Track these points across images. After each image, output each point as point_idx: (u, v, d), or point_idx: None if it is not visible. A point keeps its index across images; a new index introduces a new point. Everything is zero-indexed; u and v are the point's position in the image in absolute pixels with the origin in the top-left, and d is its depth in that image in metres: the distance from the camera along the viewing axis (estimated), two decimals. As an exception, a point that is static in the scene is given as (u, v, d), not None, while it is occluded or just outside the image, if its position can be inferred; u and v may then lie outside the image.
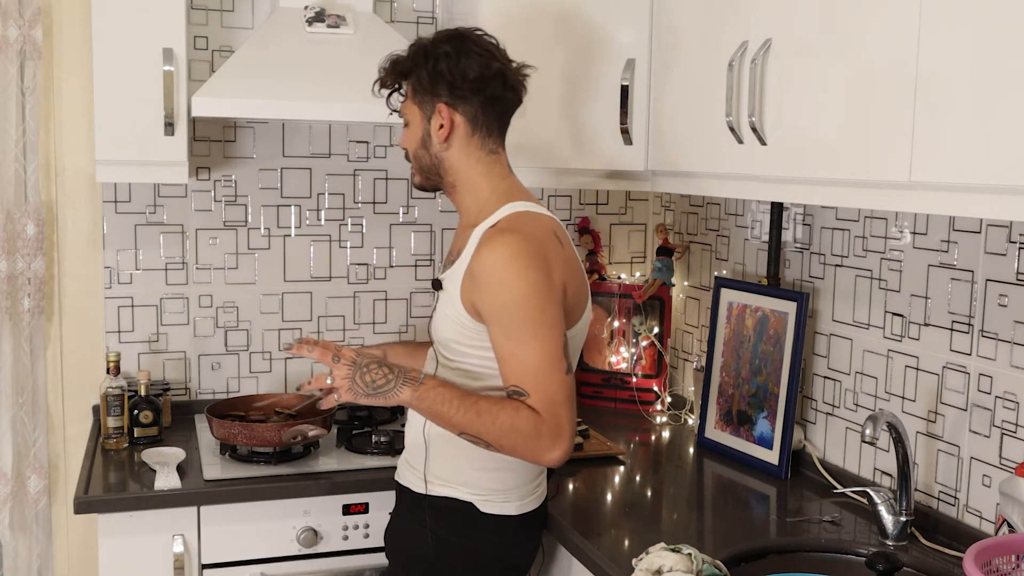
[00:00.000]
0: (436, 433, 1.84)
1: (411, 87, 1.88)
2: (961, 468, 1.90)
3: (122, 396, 2.39)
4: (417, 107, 1.87)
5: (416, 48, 1.88)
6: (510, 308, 1.71)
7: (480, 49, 1.84)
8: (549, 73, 2.27)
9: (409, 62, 1.87)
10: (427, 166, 1.89)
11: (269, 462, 2.26)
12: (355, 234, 2.79)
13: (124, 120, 2.24)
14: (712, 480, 2.35)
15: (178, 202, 2.64)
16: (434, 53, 1.84)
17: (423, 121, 1.86)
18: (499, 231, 1.76)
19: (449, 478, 1.85)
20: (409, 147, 1.91)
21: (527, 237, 1.74)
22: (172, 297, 2.66)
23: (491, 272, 1.72)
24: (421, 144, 1.88)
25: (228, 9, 2.63)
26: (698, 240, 2.80)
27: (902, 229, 2.04)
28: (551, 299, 1.73)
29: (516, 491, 1.87)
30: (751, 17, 1.89)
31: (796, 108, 1.77)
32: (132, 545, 2.13)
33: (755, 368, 2.38)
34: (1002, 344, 1.80)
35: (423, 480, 1.88)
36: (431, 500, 1.87)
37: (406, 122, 1.91)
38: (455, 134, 1.84)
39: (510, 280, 1.70)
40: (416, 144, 1.89)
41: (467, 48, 1.83)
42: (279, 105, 2.24)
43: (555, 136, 2.37)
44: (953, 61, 1.42)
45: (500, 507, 1.85)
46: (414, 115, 1.88)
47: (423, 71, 1.84)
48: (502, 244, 1.72)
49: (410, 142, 1.90)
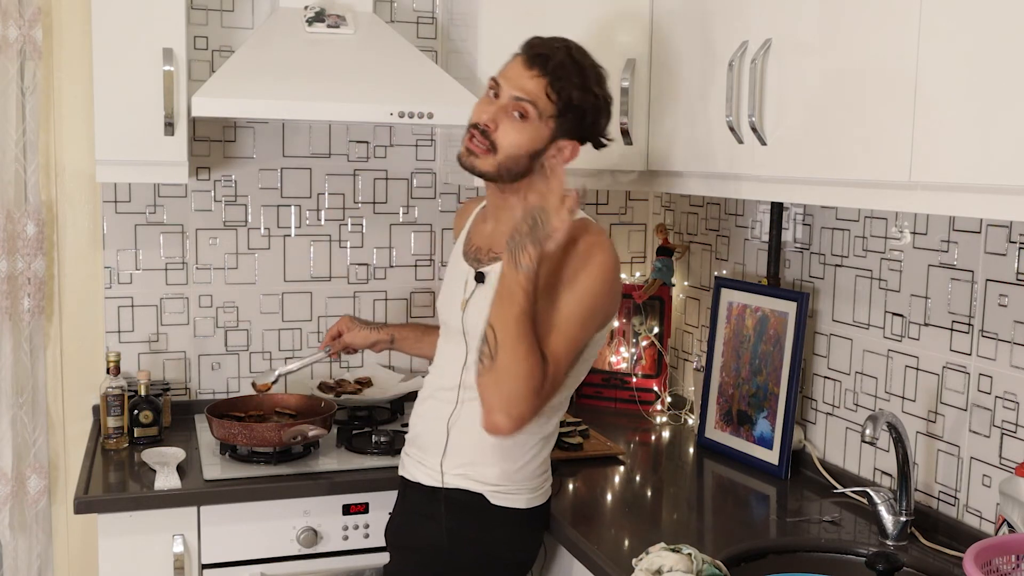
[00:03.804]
0: (458, 424, 1.86)
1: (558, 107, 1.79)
2: (961, 468, 1.90)
3: (122, 396, 2.39)
4: (552, 125, 1.80)
5: (584, 68, 1.80)
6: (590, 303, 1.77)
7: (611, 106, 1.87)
8: (549, 73, 2.27)
9: (580, 95, 1.79)
10: (516, 169, 1.82)
11: (269, 462, 2.26)
12: (355, 234, 2.79)
13: (124, 120, 2.24)
14: (712, 480, 2.35)
15: (178, 202, 2.64)
16: (591, 83, 1.81)
17: (545, 138, 1.81)
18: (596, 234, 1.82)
19: (462, 471, 1.86)
20: (513, 150, 1.79)
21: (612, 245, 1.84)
22: (172, 297, 2.66)
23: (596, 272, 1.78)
24: (529, 152, 1.81)
25: (228, 9, 2.63)
26: (698, 240, 2.80)
27: (902, 229, 2.04)
28: (608, 317, 1.83)
29: (527, 484, 1.88)
30: (751, 17, 1.89)
31: (796, 108, 1.77)
32: (132, 545, 2.13)
33: (755, 368, 2.38)
34: (1002, 344, 1.80)
35: (439, 472, 1.88)
36: (447, 493, 1.87)
37: (523, 115, 1.78)
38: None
39: (607, 283, 1.79)
40: (525, 149, 1.80)
41: (611, 104, 1.87)
42: (279, 105, 2.24)
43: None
44: (953, 61, 1.42)
45: (511, 500, 1.87)
46: (542, 129, 1.80)
47: (582, 116, 1.80)
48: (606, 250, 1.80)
49: (519, 144, 1.79)
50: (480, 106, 1.85)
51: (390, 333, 2.25)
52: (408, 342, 2.26)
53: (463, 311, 1.88)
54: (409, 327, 2.31)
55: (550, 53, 1.79)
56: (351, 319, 2.27)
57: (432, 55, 2.75)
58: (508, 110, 1.79)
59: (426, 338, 2.21)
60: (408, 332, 2.27)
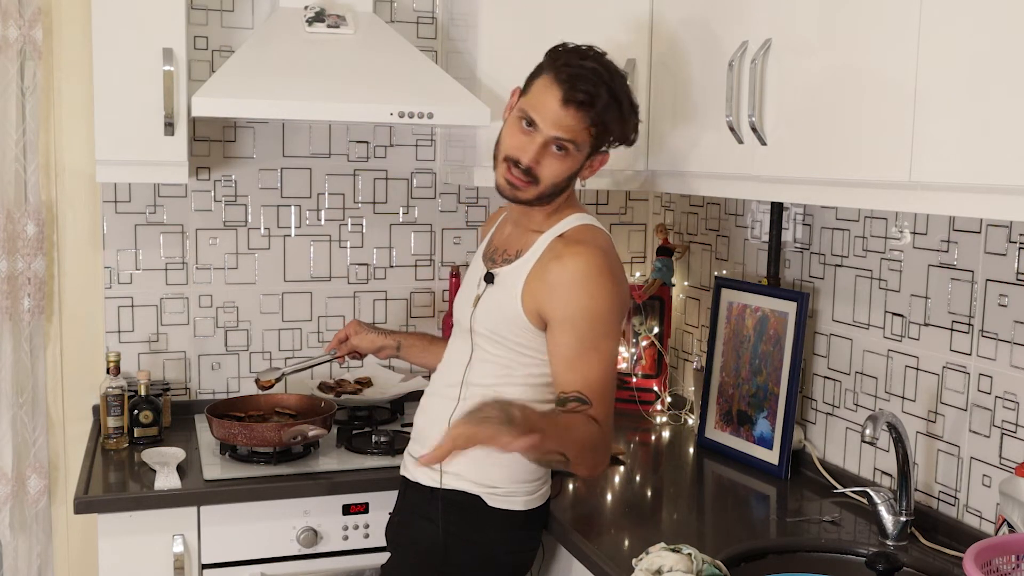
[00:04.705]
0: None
1: (597, 138, 1.81)
2: (961, 468, 1.90)
3: (122, 396, 2.39)
4: (588, 149, 1.81)
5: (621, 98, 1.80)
6: (589, 317, 1.76)
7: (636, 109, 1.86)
8: (549, 73, 2.27)
9: (615, 113, 1.79)
10: (556, 193, 1.84)
11: (269, 462, 2.26)
12: (355, 234, 2.79)
13: (124, 120, 2.24)
14: (712, 480, 2.35)
15: (178, 202, 2.64)
16: (628, 111, 1.82)
17: (582, 160, 1.83)
18: (579, 242, 1.81)
19: (460, 471, 1.87)
20: (557, 179, 1.80)
21: (605, 250, 1.82)
22: (172, 297, 2.66)
23: (577, 281, 1.76)
24: (569, 176, 1.83)
25: (228, 9, 2.63)
26: (698, 240, 2.80)
27: (902, 229, 2.04)
28: (622, 312, 1.82)
29: (524, 486, 1.89)
30: (751, 17, 1.89)
31: (796, 108, 1.77)
32: (132, 545, 2.13)
33: (755, 368, 2.38)
34: (1002, 344, 1.80)
35: (438, 472, 1.89)
36: (444, 493, 1.88)
37: (564, 152, 1.79)
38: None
39: (595, 291, 1.76)
40: (566, 176, 1.82)
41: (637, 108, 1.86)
42: (279, 105, 2.24)
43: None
44: (953, 60, 1.42)
45: (507, 502, 1.88)
46: (580, 156, 1.81)
47: (616, 126, 1.81)
48: (589, 255, 1.78)
49: (561, 174, 1.81)
50: (514, 138, 1.81)
51: (397, 340, 2.25)
52: (414, 350, 2.25)
53: (474, 308, 1.90)
54: (416, 335, 2.31)
55: (592, 95, 1.75)
56: (359, 323, 2.27)
57: (432, 55, 2.75)
58: (548, 146, 1.79)
59: (432, 348, 2.21)
60: (415, 340, 2.27)
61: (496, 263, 1.92)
